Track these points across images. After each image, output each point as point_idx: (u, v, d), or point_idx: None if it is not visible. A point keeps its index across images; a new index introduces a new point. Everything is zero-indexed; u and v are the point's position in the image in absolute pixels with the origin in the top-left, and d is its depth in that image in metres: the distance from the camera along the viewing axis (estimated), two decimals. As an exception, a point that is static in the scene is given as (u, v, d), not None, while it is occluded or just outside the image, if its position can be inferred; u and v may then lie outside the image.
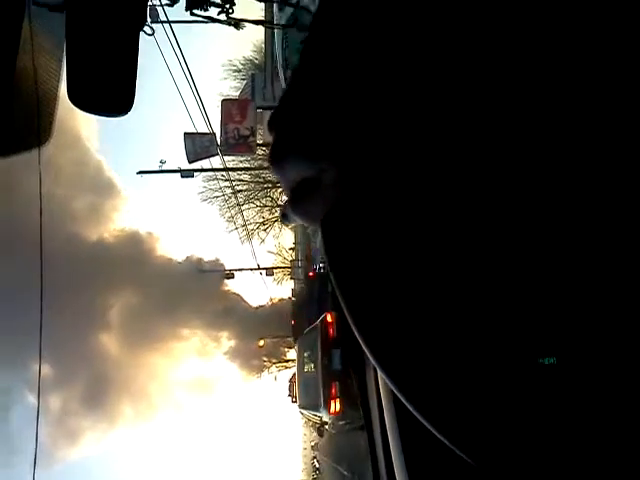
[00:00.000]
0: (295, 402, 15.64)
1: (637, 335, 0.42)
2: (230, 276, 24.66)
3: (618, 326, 0.43)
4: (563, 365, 0.45)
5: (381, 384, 0.98)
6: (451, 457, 0.54)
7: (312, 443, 30.52)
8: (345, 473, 13.54)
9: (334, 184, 0.51)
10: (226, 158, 17.64)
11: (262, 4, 14.24)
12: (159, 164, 18.74)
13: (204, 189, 22.83)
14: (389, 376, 0.52)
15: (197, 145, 16.08)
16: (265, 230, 23.87)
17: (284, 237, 26.06)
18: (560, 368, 0.45)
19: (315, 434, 15.10)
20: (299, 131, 0.52)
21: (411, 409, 0.52)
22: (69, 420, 26.88)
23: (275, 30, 13.98)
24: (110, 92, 1.17)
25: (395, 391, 0.53)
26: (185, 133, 16.27)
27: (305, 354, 10.59)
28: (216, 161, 17.30)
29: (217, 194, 22.67)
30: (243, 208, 22.41)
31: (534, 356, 0.45)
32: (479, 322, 0.47)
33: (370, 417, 1.21)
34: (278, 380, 27.54)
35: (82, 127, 25.85)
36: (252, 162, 20.46)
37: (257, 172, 21.67)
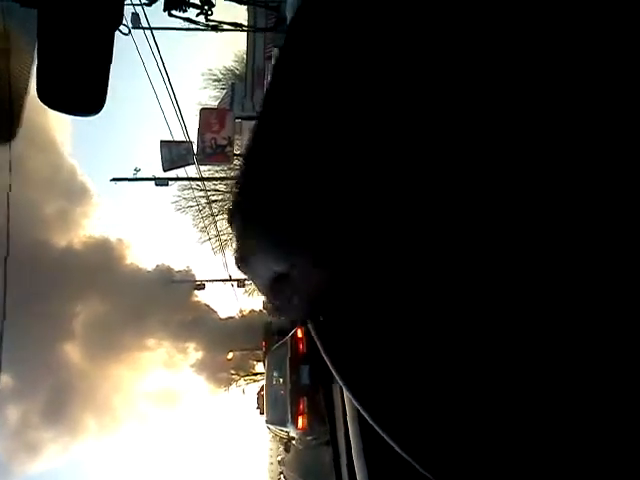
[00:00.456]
0: (262, 414, 15.47)
1: None
2: (201, 287, 24.42)
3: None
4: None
5: (346, 401, 0.98)
6: (414, 474, 0.52)
7: (279, 458, 30.14)
8: (311, 489, 13.45)
9: (306, 278, 0.46)
10: (202, 167, 17.56)
11: (244, 9, 14.31)
12: (133, 172, 18.52)
13: (178, 198, 22.66)
14: (354, 395, 0.51)
15: (173, 153, 15.95)
16: (238, 241, 23.68)
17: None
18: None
19: (282, 449, 14.92)
20: (265, 224, 0.46)
21: (375, 427, 0.51)
22: (29, 433, 26.16)
23: (256, 38, 14.03)
24: (81, 91, 1.13)
25: (360, 409, 0.51)
26: (161, 141, 16.14)
27: (274, 369, 10.55)
28: (192, 170, 17.20)
29: (191, 204, 22.53)
30: (217, 219, 22.25)
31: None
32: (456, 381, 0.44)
33: (335, 431, 1.23)
34: (246, 393, 27.25)
35: (56, 130, 25.51)
36: (228, 172, 20.38)
37: (233, 182, 21.55)
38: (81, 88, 1.12)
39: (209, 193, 21.68)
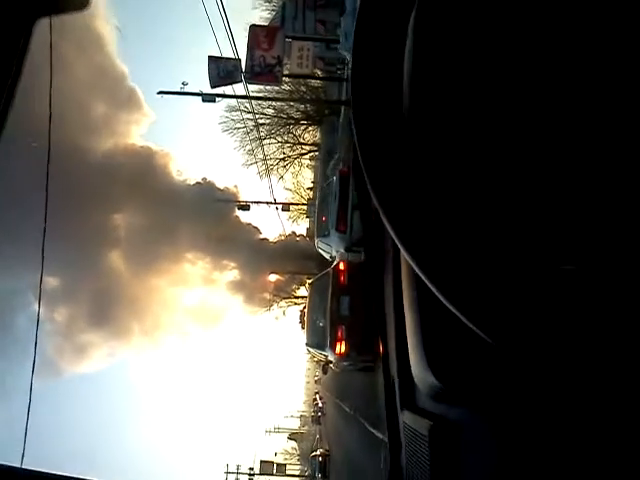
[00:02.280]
0: (304, 327, 16.01)
1: None
2: (245, 208, 24.42)
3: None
4: (581, 271, 0.53)
5: (403, 270, 1.02)
6: (466, 341, 0.63)
7: (315, 377, 31.58)
8: (347, 409, 14.09)
9: None
10: (250, 87, 17.26)
11: None
12: (181, 86, 18.32)
13: (226, 119, 22.53)
14: (413, 258, 0.58)
15: (221, 70, 15.61)
16: (284, 167, 23.67)
17: (303, 176, 25.81)
18: (578, 273, 0.54)
19: (319, 370, 15.59)
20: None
21: (434, 291, 0.58)
22: (75, 333, 27.67)
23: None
24: None
25: (421, 275, 0.58)
26: (209, 56, 15.79)
27: (316, 296, 10.78)
28: (240, 89, 16.92)
29: (239, 125, 22.37)
30: (264, 142, 22.14)
31: (558, 263, 0.54)
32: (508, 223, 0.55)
33: (384, 312, 1.27)
34: (287, 315, 28.09)
35: (104, 30, 25.05)
36: (276, 93, 19.99)
37: (280, 106, 21.23)
38: None
39: (257, 116, 21.47)
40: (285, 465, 28.78)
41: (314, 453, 21.21)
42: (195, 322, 30.72)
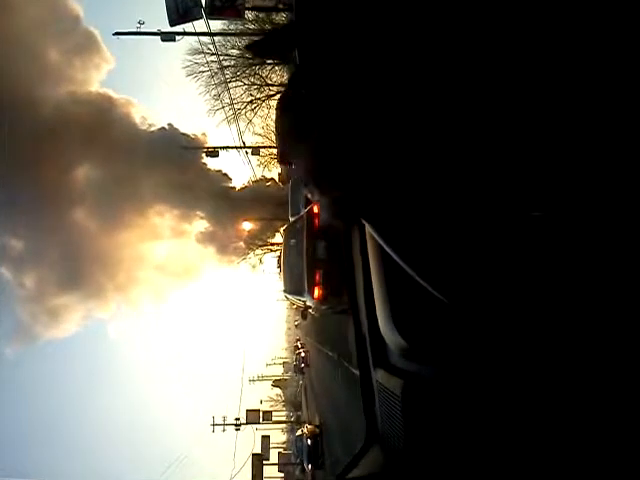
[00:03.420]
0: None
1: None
2: (213, 154, 23.65)
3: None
4: (549, 218, 0.56)
5: (369, 242, 1.05)
6: (428, 302, 0.66)
7: (296, 322, 31.96)
8: (329, 353, 14.21)
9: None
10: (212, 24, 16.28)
11: None
12: (137, 25, 17.21)
13: (189, 63, 21.40)
14: (376, 230, 0.62)
15: (180, 6, 14.70)
16: (253, 110, 22.73)
17: (272, 119, 24.81)
18: (546, 219, 0.56)
19: (299, 316, 15.58)
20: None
21: (397, 259, 0.61)
22: (46, 297, 27.24)
23: None
24: None
25: (381, 243, 0.62)
26: (167, -8, 14.78)
27: (291, 242, 10.59)
28: (201, 27, 15.93)
29: (203, 69, 21.30)
30: (230, 86, 21.18)
31: (528, 210, 0.57)
32: (475, 174, 0.56)
33: (354, 276, 1.33)
34: (264, 263, 27.95)
35: None
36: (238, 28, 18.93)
37: (244, 43, 20.20)
38: None
39: (221, 58, 20.43)
40: (271, 412, 29.50)
41: (299, 432, 18.93)
42: (169, 276, 30.31)
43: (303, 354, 25.23)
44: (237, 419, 28.23)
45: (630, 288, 0.54)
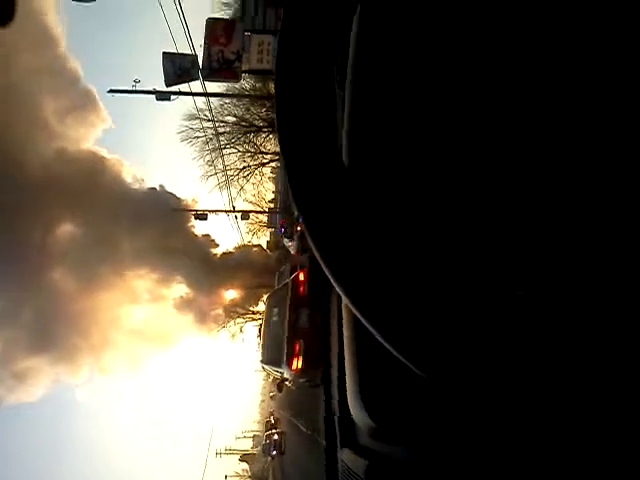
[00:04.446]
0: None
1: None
2: (202, 217, 23.63)
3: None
4: (531, 296, 0.57)
5: (344, 311, 1.03)
6: (400, 379, 0.65)
7: (271, 394, 30.91)
8: (303, 428, 13.62)
9: None
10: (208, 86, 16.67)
11: None
12: (133, 83, 17.48)
13: (185, 128, 21.84)
14: (353, 303, 0.58)
15: (177, 66, 14.94)
16: (245, 177, 23.01)
17: (264, 187, 25.12)
18: (529, 298, 0.57)
19: (274, 388, 15.03)
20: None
21: (371, 329, 0.58)
22: (15, 359, 26.13)
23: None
24: None
25: (357, 314, 0.58)
26: (164, 53, 15.08)
27: (274, 310, 10.39)
28: (197, 88, 16.24)
29: (198, 134, 21.71)
30: (224, 152, 21.55)
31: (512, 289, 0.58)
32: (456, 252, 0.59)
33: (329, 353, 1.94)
34: (244, 332, 27.27)
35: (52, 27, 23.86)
36: (235, 90, 19.43)
37: (242, 114, 20.75)
38: None
39: (217, 124, 20.91)
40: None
41: None
42: (144, 342, 29.22)
43: (276, 436, 20.25)
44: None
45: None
